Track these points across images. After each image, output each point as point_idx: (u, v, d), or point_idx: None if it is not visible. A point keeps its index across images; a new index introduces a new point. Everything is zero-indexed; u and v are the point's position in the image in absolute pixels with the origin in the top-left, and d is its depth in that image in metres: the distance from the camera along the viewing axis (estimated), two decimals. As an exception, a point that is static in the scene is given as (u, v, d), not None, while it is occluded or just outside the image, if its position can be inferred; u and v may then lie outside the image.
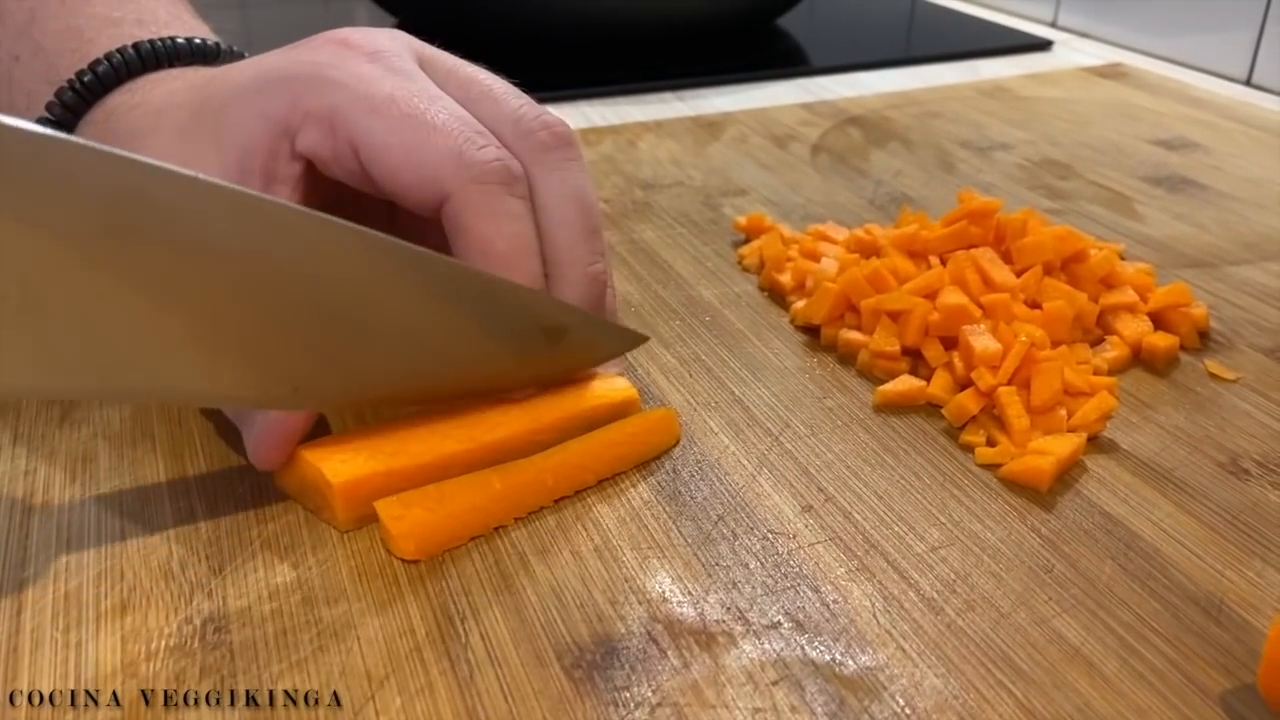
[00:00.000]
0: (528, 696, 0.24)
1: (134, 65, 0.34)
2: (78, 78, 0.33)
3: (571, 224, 0.32)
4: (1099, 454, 0.32)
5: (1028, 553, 0.28)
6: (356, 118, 0.29)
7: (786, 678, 0.24)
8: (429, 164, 0.29)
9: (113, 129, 0.33)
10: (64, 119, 0.33)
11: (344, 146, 0.30)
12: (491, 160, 0.30)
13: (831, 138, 0.58)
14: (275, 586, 0.27)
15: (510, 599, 0.26)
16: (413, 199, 0.30)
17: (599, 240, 0.33)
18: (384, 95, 0.30)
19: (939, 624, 0.26)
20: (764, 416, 0.34)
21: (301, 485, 0.29)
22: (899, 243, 0.40)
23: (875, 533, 0.29)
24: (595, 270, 0.32)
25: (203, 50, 0.35)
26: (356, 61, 0.31)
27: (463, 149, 0.29)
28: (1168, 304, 0.38)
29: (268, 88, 0.30)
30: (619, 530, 0.29)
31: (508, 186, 0.30)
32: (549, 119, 0.32)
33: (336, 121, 0.29)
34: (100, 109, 0.33)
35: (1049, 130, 0.59)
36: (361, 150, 0.30)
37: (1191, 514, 0.30)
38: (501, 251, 0.30)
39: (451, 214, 0.30)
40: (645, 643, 0.25)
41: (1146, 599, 0.27)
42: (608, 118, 0.62)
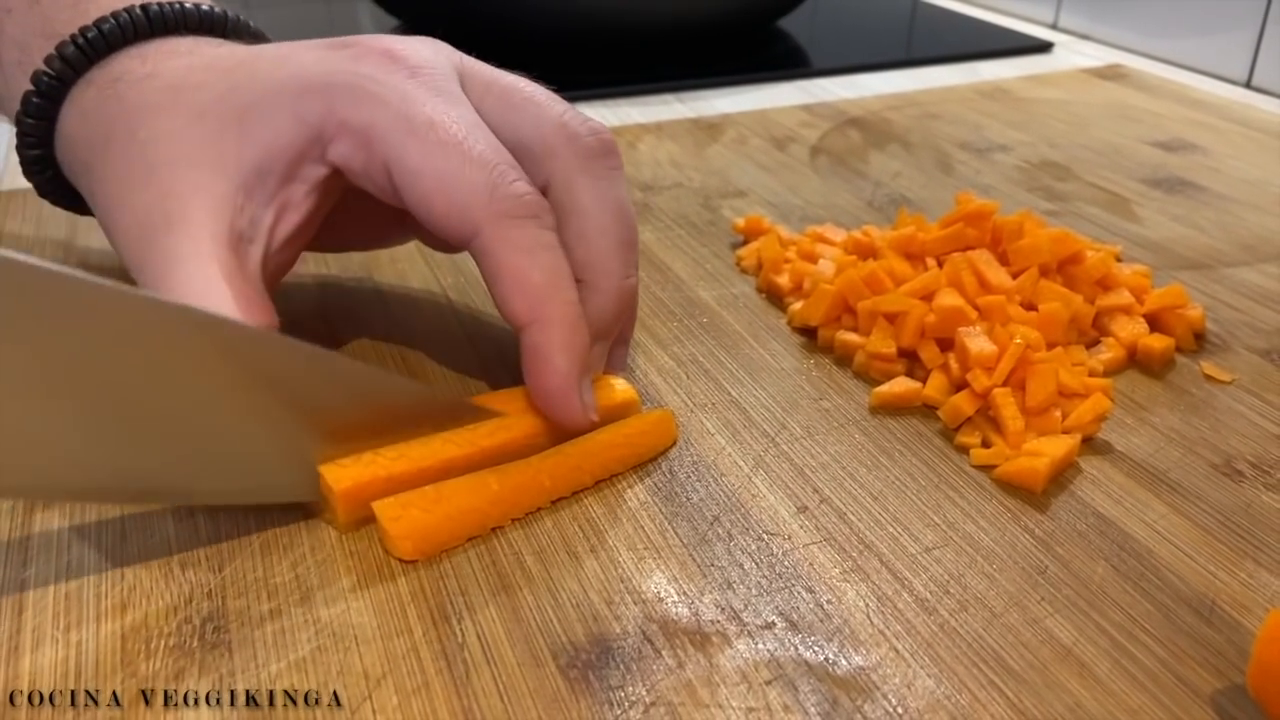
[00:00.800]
0: (523, 695, 0.24)
1: (142, 27, 0.33)
2: (81, 33, 0.32)
3: (611, 234, 0.32)
4: (1093, 455, 0.32)
5: (1021, 554, 0.28)
6: (393, 138, 0.29)
7: (780, 677, 0.25)
8: (461, 196, 0.29)
9: (121, 95, 0.32)
10: (64, 74, 0.32)
11: (377, 164, 0.30)
12: (523, 194, 0.30)
13: (831, 139, 0.58)
14: (274, 586, 0.27)
15: (506, 599, 0.27)
16: (443, 228, 0.30)
17: (634, 253, 0.33)
18: (423, 118, 0.29)
19: (932, 624, 0.26)
20: (760, 418, 0.34)
21: None
22: (896, 245, 0.40)
23: (870, 533, 0.29)
24: (629, 284, 0.32)
25: (210, 17, 0.35)
26: (399, 76, 0.30)
27: (496, 183, 0.29)
28: (1164, 306, 0.38)
29: (306, 92, 0.30)
30: (615, 531, 0.29)
31: (538, 220, 0.30)
32: (596, 125, 0.32)
33: (373, 138, 0.29)
34: (103, 70, 0.33)
35: (1048, 132, 0.59)
36: (395, 172, 0.30)
37: (1185, 515, 0.30)
38: (538, 284, 0.30)
39: (483, 248, 0.30)
40: (640, 642, 0.25)
41: (1139, 600, 0.27)
42: (608, 119, 0.62)
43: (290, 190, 0.31)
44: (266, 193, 0.30)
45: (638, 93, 0.67)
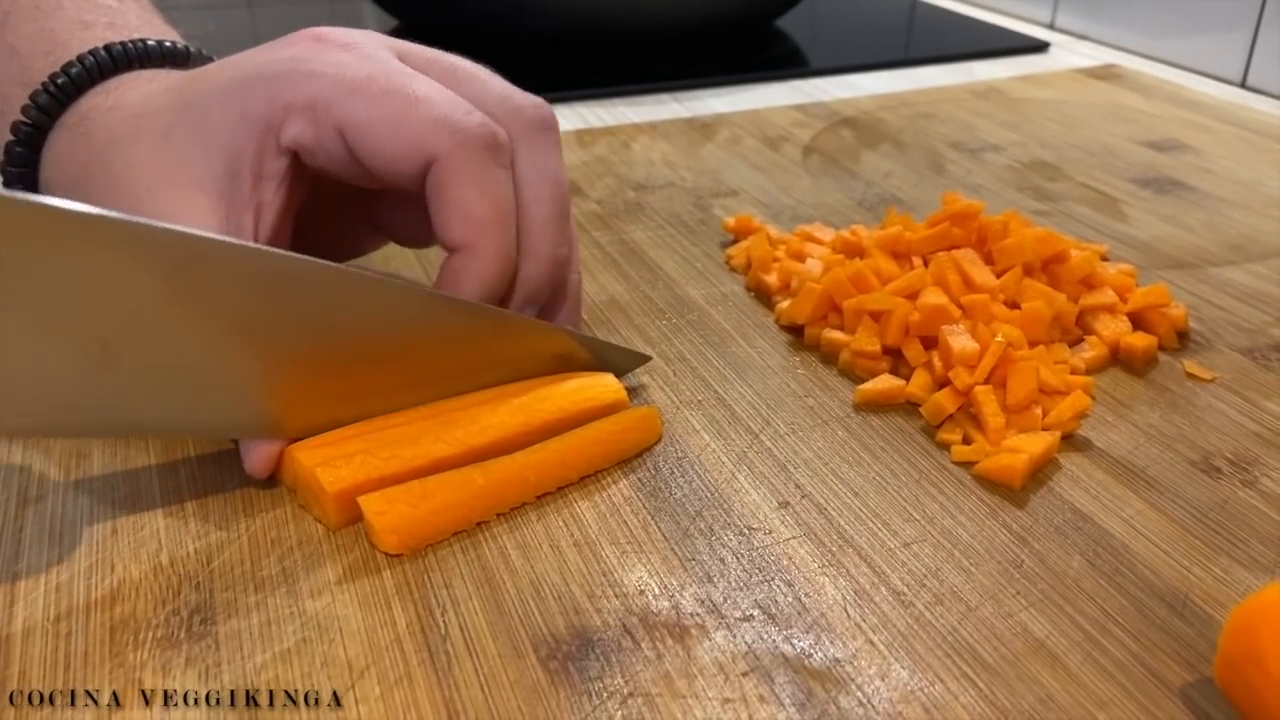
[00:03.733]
0: (503, 686, 0.24)
1: (106, 66, 0.34)
2: (51, 80, 0.33)
3: (548, 203, 0.33)
4: (1073, 452, 0.33)
5: (998, 548, 0.29)
6: (338, 100, 0.30)
7: (756, 669, 0.25)
8: (413, 132, 0.30)
9: (89, 133, 0.33)
10: (39, 121, 0.33)
11: (328, 131, 0.30)
12: (478, 125, 0.30)
13: (824, 139, 0.58)
14: (261, 579, 0.27)
15: (490, 592, 0.27)
16: (398, 169, 0.30)
17: (569, 226, 0.34)
18: (362, 75, 0.30)
19: (908, 617, 0.27)
20: (745, 415, 0.34)
21: (294, 481, 0.30)
22: (883, 244, 0.40)
23: (850, 528, 0.29)
24: (561, 254, 0.33)
25: (173, 53, 0.35)
26: (331, 52, 0.31)
27: (449, 114, 0.30)
28: (1146, 305, 0.38)
29: (246, 88, 0.31)
30: (599, 526, 0.29)
31: (493, 153, 0.31)
32: (536, 99, 0.33)
33: (318, 108, 0.30)
34: (74, 112, 0.33)
35: (1040, 132, 0.60)
36: (347, 131, 0.30)
37: (1161, 511, 0.30)
38: (480, 216, 0.30)
39: (436, 179, 0.30)
40: (620, 635, 0.26)
41: (1113, 594, 0.27)
42: (604, 119, 0.62)
43: (262, 189, 0.31)
44: (242, 197, 0.31)
45: (634, 92, 0.67)
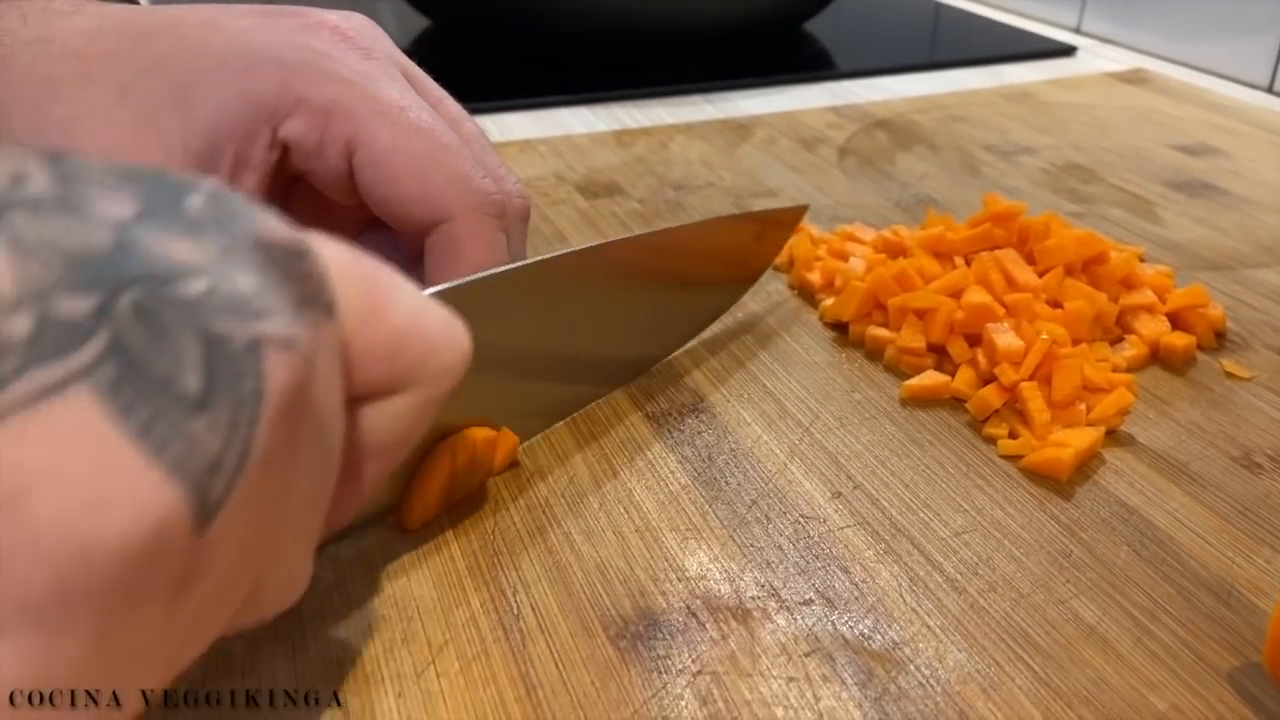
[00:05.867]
0: (576, 663, 0.25)
1: None
2: None
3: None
4: (1116, 447, 0.34)
5: (1047, 538, 0.30)
6: (361, 116, 0.29)
7: (818, 650, 0.26)
8: (437, 182, 0.30)
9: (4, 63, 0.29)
10: None
11: (335, 141, 0.29)
12: (494, 192, 0.31)
13: (858, 141, 0.59)
14: (339, 560, 0.28)
15: (558, 574, 0.28)
16: (404, 211, 0.30)
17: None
18: (394, 100, 0.30)
19: (962, 603, 0.27)
20: (795, 409, 0.35)
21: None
22: (925, 243, 0.41)
23: (901, 518, 0.30)
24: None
25: None
26: (355, 56, 0.30)
27: (470, 175, 0.30)
28: (1185, 305, 0.39)
29: (253, 66, 0.29)
30: (659, 513, 0.30)
31: (501, 220, 0.32)
32: (519, 187, 0.33)
33: (335, 114, 0.29)
34: None
35: (1072, 135, 0.61)
36: (360, 150, 0.29)
37: (1204, 504, 0.31)
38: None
39: (448, 235, 0.30)
40: (685, 616, 0.27)
41: (1160, 583, 0.28)
42: (638, 119, 0.63)
43: (242, 177, 0.30)
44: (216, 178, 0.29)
45: (667, 94, 0.68)
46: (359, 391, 0.21)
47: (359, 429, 0.21)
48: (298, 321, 0.17)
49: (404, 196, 0.30)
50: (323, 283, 0.19)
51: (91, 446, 0.14)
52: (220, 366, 0.16)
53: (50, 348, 0.14)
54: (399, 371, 0.21)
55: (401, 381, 0.21)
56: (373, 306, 0.21)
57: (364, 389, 0.21)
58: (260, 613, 0.20)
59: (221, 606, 0.18)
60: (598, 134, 0.60)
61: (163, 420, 0.15)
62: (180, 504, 0.15)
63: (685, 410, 0.35)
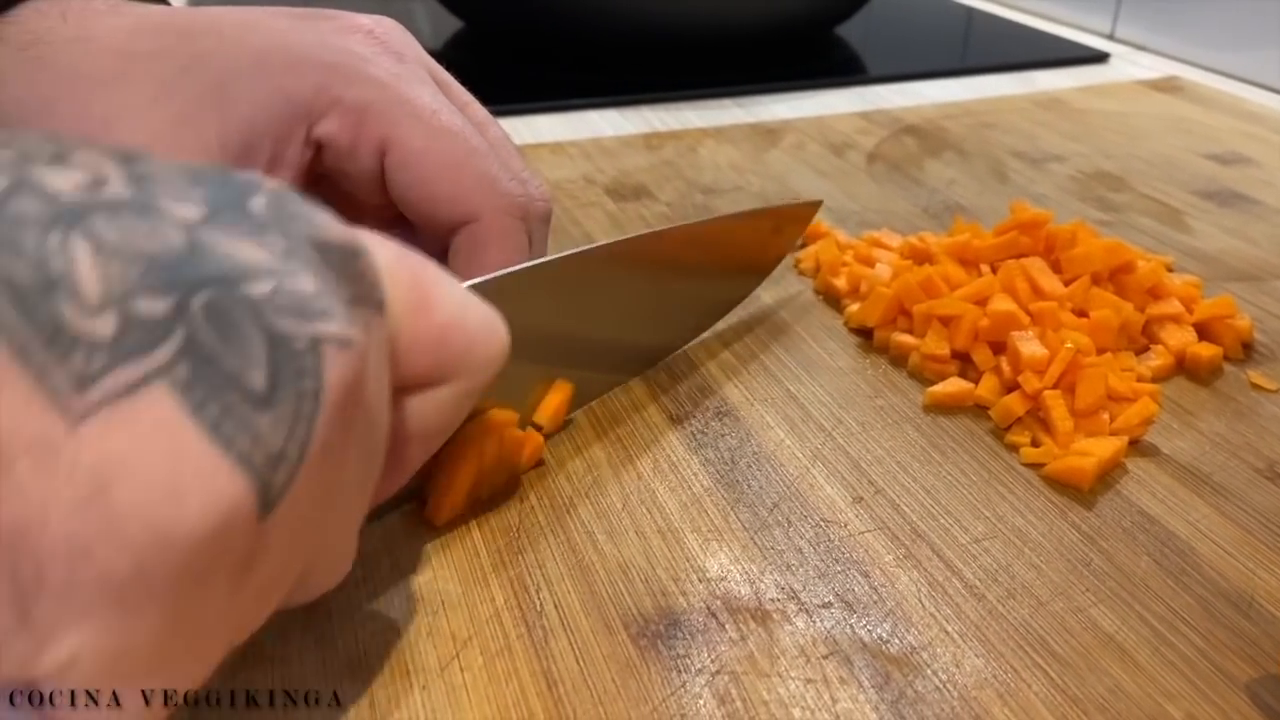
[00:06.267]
0: (597, 660, 0.26)
1: None
2: None
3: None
4: (1139, 457, 0.34)
5: (1067, 547, 0.30)
6: (396, 118, 0.30)
7: (836, 653, 0.26)
8: (467, 183, 0.31)
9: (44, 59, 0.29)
10: None
11: (369, 141, 0.30)
12: (519, 195, 0.32)
13: (887, 146, 0.59)
14: (367, 555, 0.29)
15: (581, 573, 0.29)
16: (432, 211, 0.31)
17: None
18: (426, 104, 0.31)
19: (980, 609, 0.28)
20: (818, 413, 0.36)
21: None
22: (951, 251, 0.41)
23: (922, 524, 0.31)
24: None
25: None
26: (389, 59, 0.31)
27: (498, 177, 0.31)
28: (1213, 315, 0.39)
29: (293, 67, 0.30)
30: (681, 514, 0.31)
31: (524, 222, 0.32)
32: (544, 190, 0.34)
33: (369, 116, 0.30)
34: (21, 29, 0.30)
35: (1102, 143, 0.60)
36: (392, 151, 0.30)
37: (1226, 515, 0.31)
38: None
39: (473, 236, 0.31)
40: (705, 617, 0.27)
41: (1179, 593, 0.28)
42: (668, 123, 0.64)
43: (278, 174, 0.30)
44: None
45: (696, 97, 0.69)
46: (404, 382, 0.22)
47: (403, 418, 0.23)
48: (353, 321, 0.18)
49: (434, 197, 0.31)
50: (375, 281, 0.20)
51: (168, 441, 0.16)
52: (284, 365, 0.17)
53: (132, 347, 0.15)
54: (443, 363, 0.22)
55: (445, 373, 0.23)
56: (419, 302, 0.22)
57: (409, 380, 0.22)
58: (310, 592, 0.22)
59: (278, 586, 0.19)
60: (627, 137, 0.60)
61: (232, 416, 0.16)
62: (247, 494, 0.16)
63: (709, 413, 0.36)
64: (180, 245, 0.16)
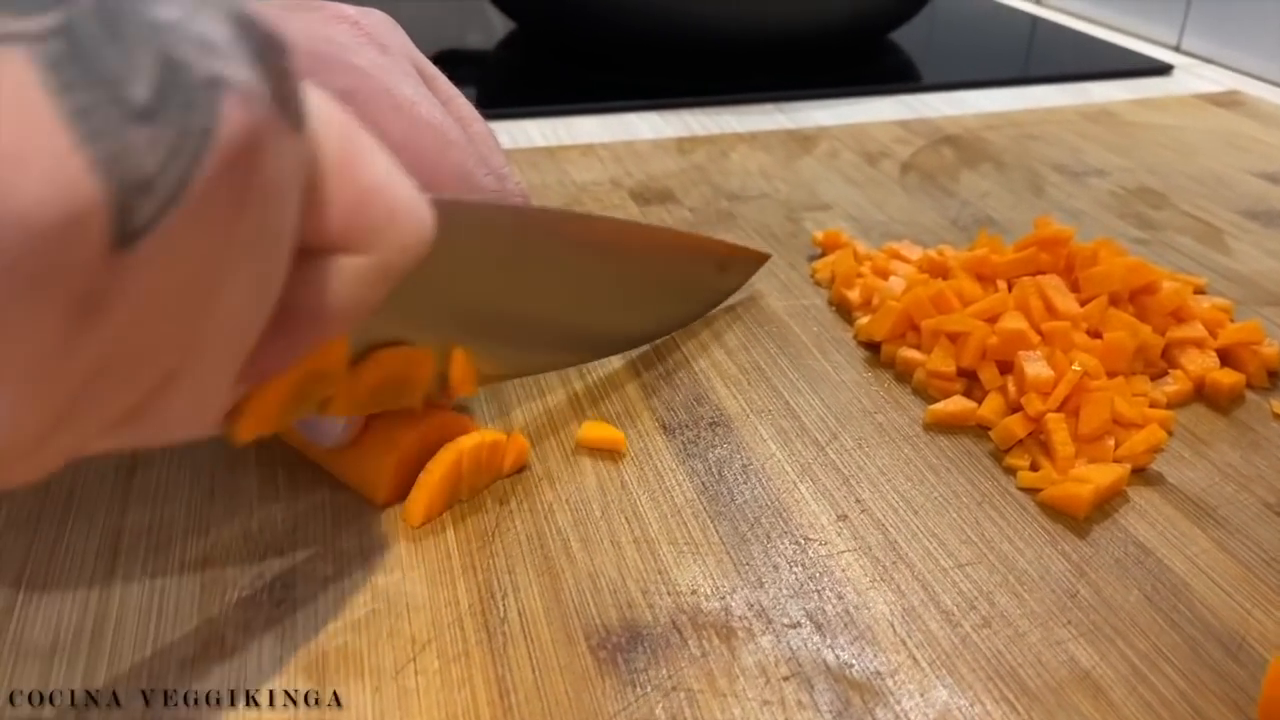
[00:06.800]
0: (553, 670, 0.26)
1: None
2: None
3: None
4: (1144, 486, 0.33)
5: (1054, 576, 0.29)
6: (376, 108, 0.31)
7: (798, 674, 0.26)
8: (440, 176, 0.31)
9: None
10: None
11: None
12: (494, 190, 0.32)
13: (923, 156, 0.58)
14: (340, 551, 0.29)
15: (550, 580, 0.28)
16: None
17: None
18: (406, 95, 0.31)
19: (954, 637, 0.27)
20: (814, 426, 0.35)
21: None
22: (968, 265, 0.40)
23: (905, 545, 0.30)
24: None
25: None
26: (373, 50, 0.32)
27: (472, 171, 0.32)
28: (1238, 341, 0.38)
29: None
30: (660, 525, 0.31)
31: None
32: (522, 188, 0.34)
33: (352, 103, 0.29)
34: None
35: (1150, 158, 0.58)
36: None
37: (1228, 551, 0.30)
38: None
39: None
40: (669, 631, 0.27)
41: (1167, 630, 0.27)
42: (707, 127, 0.63)
43: None
44: None
45: (738, 102, 0.68)
46: (317, 240, 0.21)
47: (310, 280, 0.22)
48: (265, 89, 0.17)
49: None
50: (297, 92, 0.19)
51: (18, 107, 0.15)
52: (173, 89, 0.16)
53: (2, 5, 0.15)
54: (359, 229, 0.22)
55: (358, 241, 0.22)
56: (345, 159, 0.21)
57: (322, 239, 0.21)
58: (163, 426, 0.20)
59: (125, 379, 0.18)
60: (661, 140, 0.60)
61: (99, 114, 0.15)
62: (99, 204, 0.15)
63: (703, 423, 0.35)
64: None
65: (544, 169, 0.55)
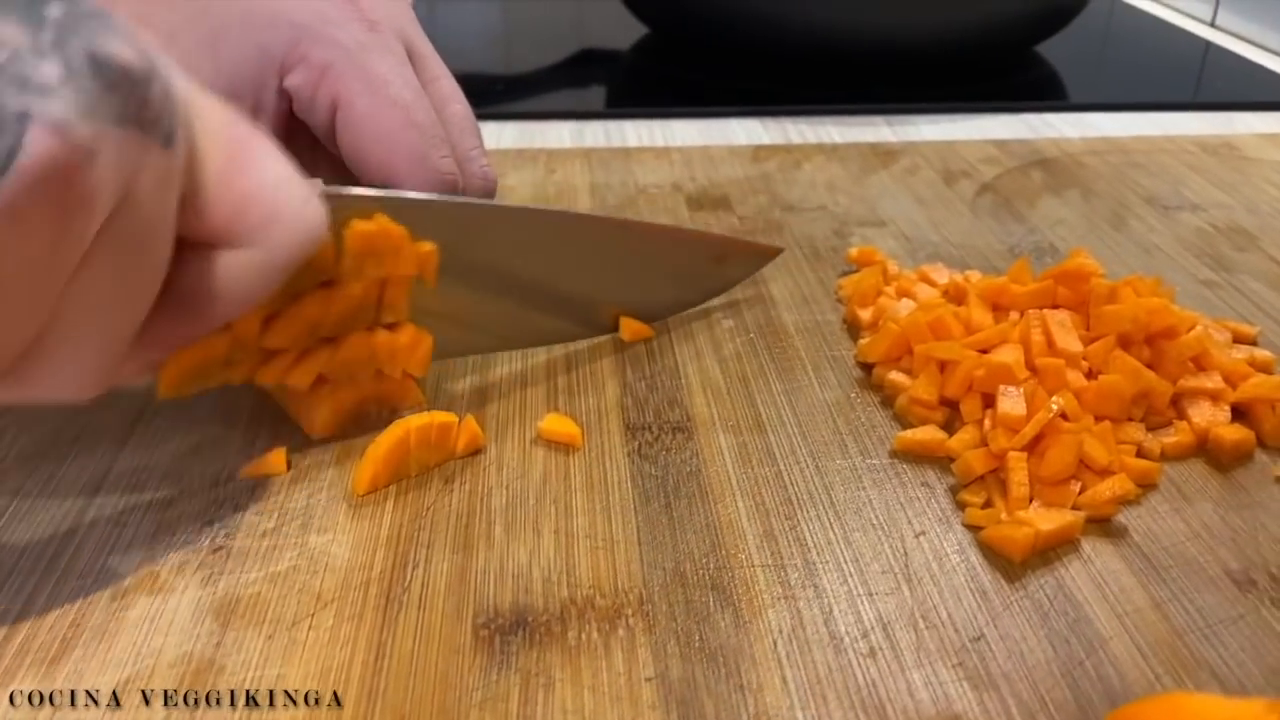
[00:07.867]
0: (432, 642, 0.27)
1: None
2: None
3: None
4: (1102, 537, 0.31)
5: (965, 617, 0.28)
6: (349, 82, 0.33)
7: (661, 677, 0.26)
8: (396, 154, 0.33)
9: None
10: None
11: (325, 99, 0.33)
12: (448, 173, 0.34)
13: (1007, 179, 0.56)
14: (286, 510, 0.32)
15: (462, 558, 0.30)
16: (367, 174, 0.33)
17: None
18: (380, 73, 0.33)
19: (833, 663, 0.27)
20: (776, 443, 0.35)
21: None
22: (985, 293, 0.39)
23: (821, 568, 0.30)
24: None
25: None
26: (358, 26, 0.34)
27: (428, 154, 0.33)
28: (1256, 396, 0.35)
29: (272, 24, 0.33)
30: (585, 520, 0.31)
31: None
32: (490, 171, 0.36)
33: (328, 75, 0.33)
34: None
35: (1255, 195, 0.54)
36: (341, 111, 0.33)
37: (1162, 613, 0.28)
38: None
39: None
40: (553, 620, 0.28)
41: (1060, 684, 0.26)
42: (805, 135, 0.63)
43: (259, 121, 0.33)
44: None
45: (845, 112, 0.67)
46: (204, 235, 0.25)
47: (201, 269, 0.25)
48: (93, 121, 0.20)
49: (365, 161, 0.34)
50: (164, 114, 0.22)
51: None
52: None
53: None
54: (240, 228, 0.25)
55: (241, 238, 0.25)
56: (231, 166, 0.24)
57: (208, 235, 0.25)
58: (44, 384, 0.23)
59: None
60: (737, 147, 0.60)
61: None
62: None
63: (667, 427, 0.36)
64: None
65: (612, 169, 0.56)
